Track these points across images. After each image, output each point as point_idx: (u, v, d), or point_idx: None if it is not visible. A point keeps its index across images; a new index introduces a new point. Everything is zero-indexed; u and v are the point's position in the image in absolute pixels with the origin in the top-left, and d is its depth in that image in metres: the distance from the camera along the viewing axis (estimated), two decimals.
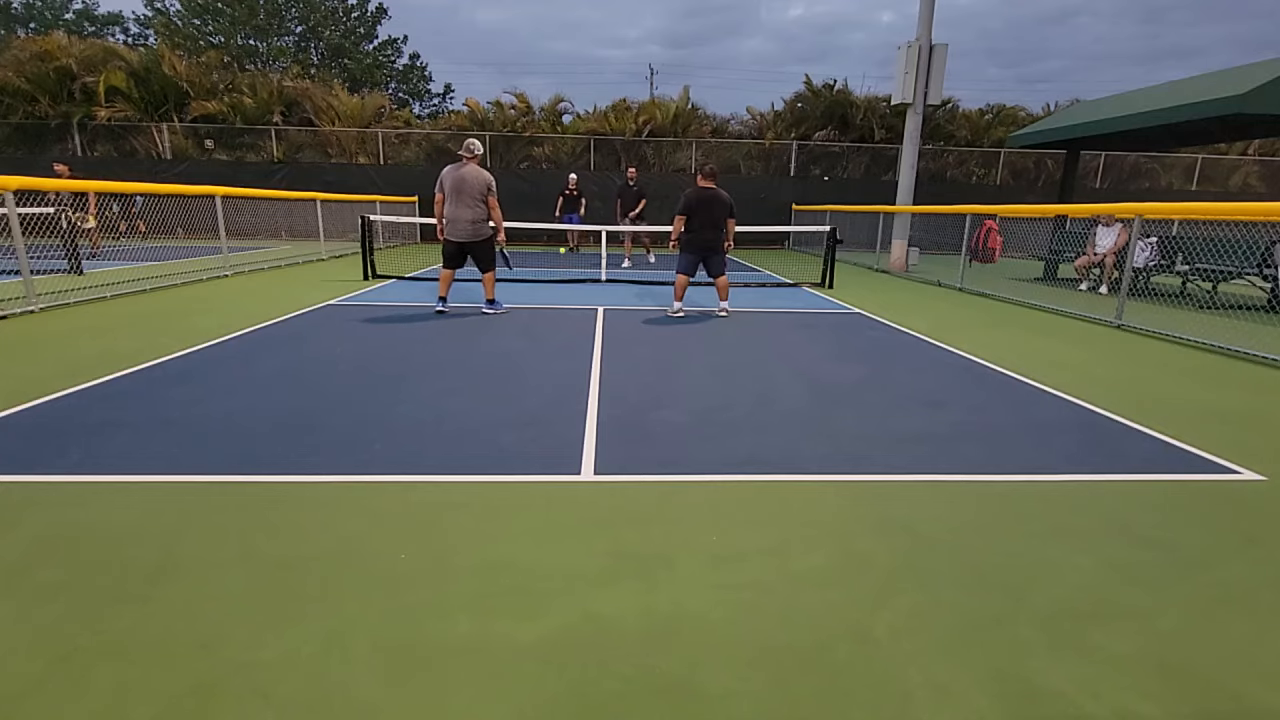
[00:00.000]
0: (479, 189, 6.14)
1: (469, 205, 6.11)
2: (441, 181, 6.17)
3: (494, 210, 6.26)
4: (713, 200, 6.47)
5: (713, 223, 6.51)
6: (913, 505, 2.52)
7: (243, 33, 29.55)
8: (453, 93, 36.82)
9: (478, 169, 6.12)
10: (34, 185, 6.38)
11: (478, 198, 6.15)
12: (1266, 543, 2.29)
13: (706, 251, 6.62)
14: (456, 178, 6.09)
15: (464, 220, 6.17)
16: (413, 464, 2.79)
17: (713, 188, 6.50)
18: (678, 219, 6.53)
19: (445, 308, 6.43)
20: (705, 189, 6.49)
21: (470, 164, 6.11)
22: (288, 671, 1.56)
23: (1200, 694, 1.56)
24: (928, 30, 11.05)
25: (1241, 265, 8.23)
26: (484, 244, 6.36)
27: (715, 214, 6.50)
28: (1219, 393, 4.27)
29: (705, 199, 6.46)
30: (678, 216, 6.52)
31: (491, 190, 6.18)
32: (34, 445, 2.89)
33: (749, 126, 19.51)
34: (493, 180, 6.22)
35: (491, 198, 6.19)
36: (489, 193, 6.19)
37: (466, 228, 6.20)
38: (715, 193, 6.47)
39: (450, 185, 6.11)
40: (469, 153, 6.11)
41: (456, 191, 6.10)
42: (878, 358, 5.04)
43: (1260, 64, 8.46)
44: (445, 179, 6.15)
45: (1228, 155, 19.72)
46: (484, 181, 6.14)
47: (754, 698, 1.52)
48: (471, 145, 6.13)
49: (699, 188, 6.52)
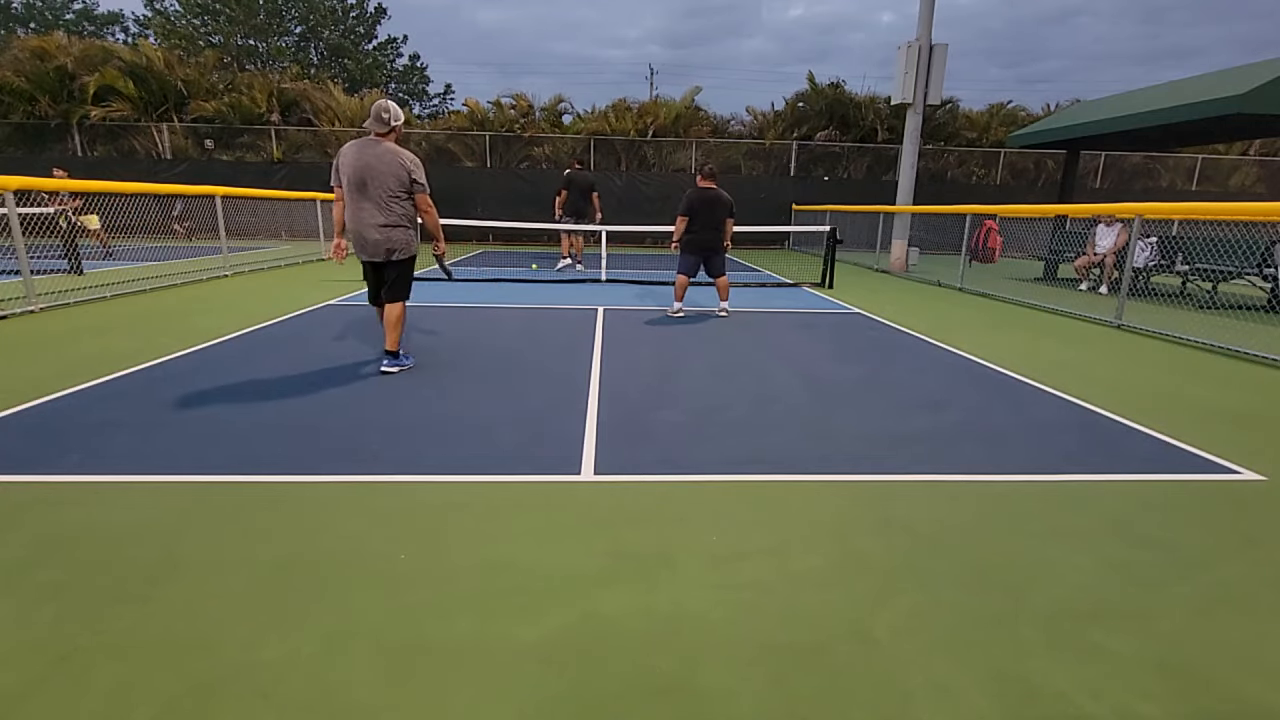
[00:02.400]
0: (395, 180, 3.93)
1: (380, 206, 3.95)
2: (338, 168, 4.00)
3: (426, 213, 4.13)
4: (714, 201, 6.44)
5: (714, 224, 6.48)
6: (913, 505, 2.52)
7: (242, 32, 29.54)
8: (453, 93, 36.89)
9: (395, 149, 3.95)
10: (34, 185, 6.38)
11: (394, 194, 3.95)
12: (1266, 543, 2.29)
13: (707, 252, 6.58)
14: (360, 164, 3.89)
15: (372, 228, 3.97)
16: (413, 464, 2.79)
17: (714, 188, 6.47)
18: (680, 220, 6.46)
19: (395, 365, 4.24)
20: (707, 189, 6.45)
21: (383, 141, 3.96)
22: (288, 671, 1.56)
23: (1200, 694, 1.56)
24: (928, 30, 11.05)
25: (1241, 265, 8.23)
26: (404, 264, 4.16)
27: (717, 215, 6.47)
28: (1219, 392, 4.27)
29: (707, 200, 6.43)
30: (680, 218, 6.46)
31: (418, 181, 3.99)
32: (34, 445, 2.89)
33: (749, 127, 19.52)
34: (418, 165, 4.02)
35: (420, 193, 4.03)
36: (414, 185, 3.99)
37: (377, 240, 4.00)
38: (717, 193, 6.44)
39: (352, 175, 3.91)
40: (381, 123, 3.94)
41: (360, 184, 3.91)
42: (877, 358, 5.04)
43: (1260, 64, 8.45)
44: (343, 165, 3.96)
45: (1228, 155, 19.70)
46: (402, 168, 3.93)
47: (754, 697, 1.52)
48: (383, 110, 3.94)
49: (700, 188, 6.47)
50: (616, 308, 7.10)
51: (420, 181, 4.01)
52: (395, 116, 3.99)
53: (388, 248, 4.05)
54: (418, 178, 4.00)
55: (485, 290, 8.33)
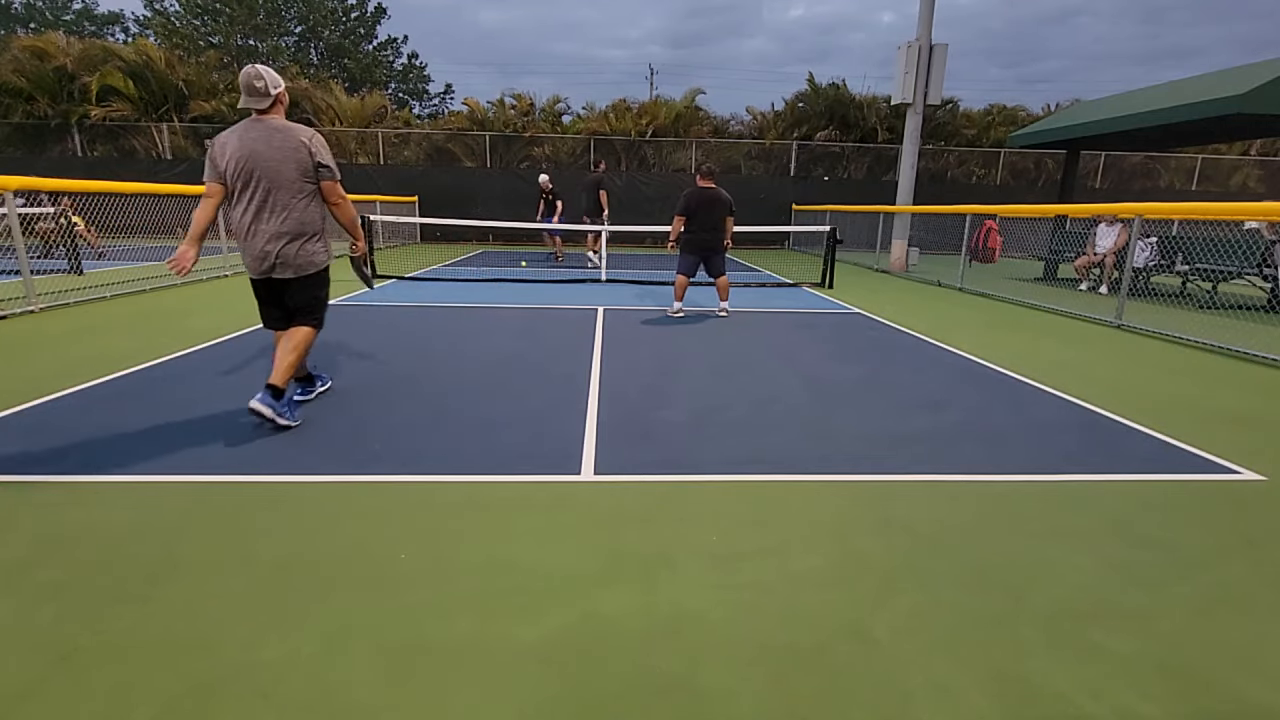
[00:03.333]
0: (294, 169, 3.04)
1: (277, 208, 3.06)
2: (213, 160, 3.05)
3: (337, 205, 3.23)
4: (713, 200, 6.37)
5: (713, 223, 6.42)
6: (913, 505, 2.52)
7: (242, 33, 29.54)
8: (453, 93, 36.92)
9: (288, 127, 3.05)
10: (34, 185, 6.38)
11: (295, 189, 3.07)
12: (1266, 543, 2.29)
13: (707, 252, 6.52)
14: (245, 153, 3.00)
15: (265, 238, 3.08)
16: (412, 464, 2.79)
17: (713, 187, 6.41)
18: (677, 219, 6.41)
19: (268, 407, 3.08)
20: (706, 189, 6.39)
21: (269, 119, 3.05)
22: (288, 671, 1.56)
23: (1200, 694, 1.56)
24: (928, 30, 11.05)
25: (1241, 265, 8.23)
26: (311, 281, 3.26)
27: (716, 214, 6.41)
28: (1219, 392, 4.27)
29: (706, 199, 6.36)
30: (677, 217, 6.40)
31: (324, 165, 3.11)
32: (34, 445, 2.89)
33: (749, 127, 19.52)
34: (322, 144, 3.14)
35: (328, 180, 3.14)
36: (320, 171, 3.11)
37: (271, 252, 3.09)
38: (716, 193, 6.38)
39: (238, 165, 3.01)
40: (256, 96, 3.00)
41: (247, 181, 3.02)
42: (877, 358, 5.04)
43: (1260, 64, 8.45)
44: (221, 157, 3.03)
45: (1228, 155, 19.71)
46: (301, 150, 3.04)
47: (754, 697, 1.52)
48: (254, 78, 2.97)
49: (699, 188, 6.41)
50: (616, 308, 7.10)
51: (327, 164, 3.12)
52: (272, 83, 3.04)
53: (283, 260, 3.10)
54: (324, 160, 3.10)
55: (485, 290, 8.33)
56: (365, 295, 7.62)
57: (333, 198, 3.22)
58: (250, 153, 3.01)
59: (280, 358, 3.17)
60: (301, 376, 3.55)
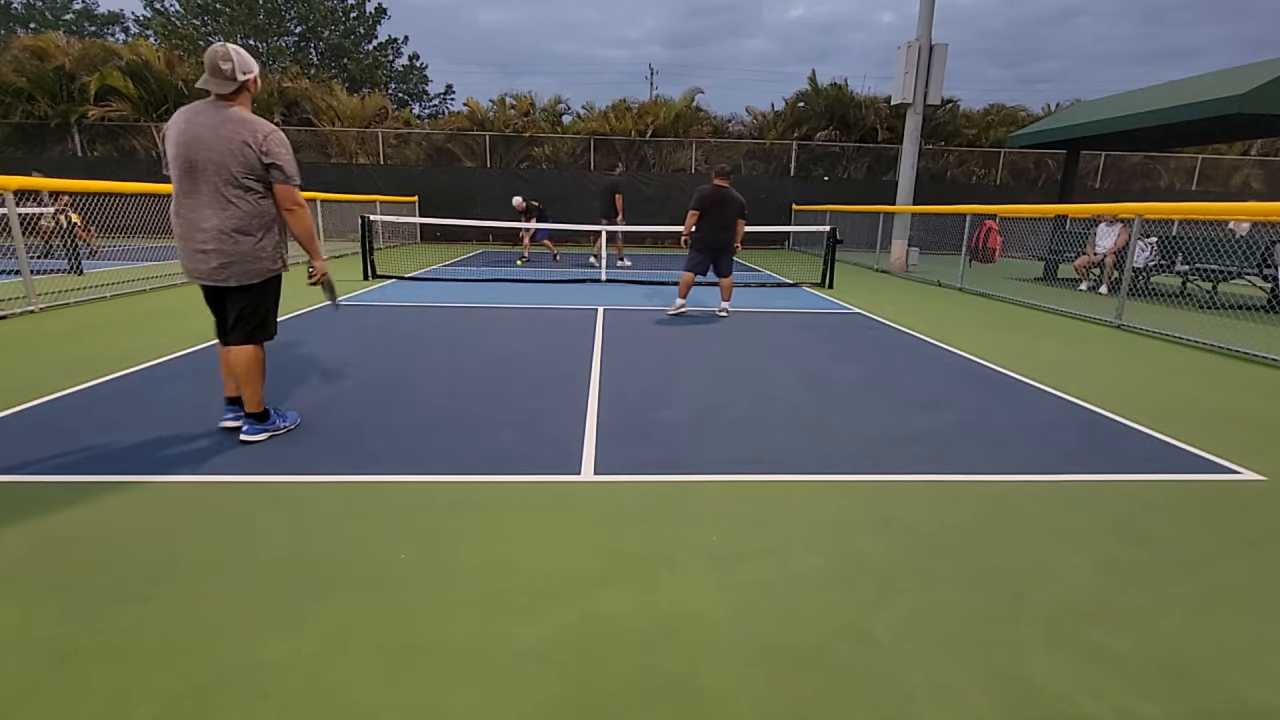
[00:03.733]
0: (237, 162, 2.67)
1: (215, 202, 2.70)
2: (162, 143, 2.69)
3: (290, 213, 2.84)
4: (726, 201, 6.37)
5: (724, 223, 6.42)
6: (913, 505, 2.52)
7: (242, 33, 29.54)
8: (453, 93, 36.94)
9: (243, 117, 2.69)
10: (34, 185, 6.38)
11: (235, 183, 2.69)
12: (1266, 543, 2.29)
13: (716, 251, 6.52)
14: (188, 138, 2.66)
15: (201, 234, 2.73)
16: (413, 464, 2.79)
17: (726, 187, 6.40)
18: (691, 214, 6.39)
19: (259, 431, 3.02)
20: (720, 188, 6.38)
21: (229, 106, 2.70)
22: (288, 671, 1.56)
23: (1200, 694, 1.56)
24: (927, 30, 11.05)
25: (1241, 265, 8.23)
26: (258, 294, 2.94)
27: (728, 215, 6.42)
28: (1219, 392, 4.27)
29: (720, 199, 6.35)
30: (691, 212, 6.38)
31: (277, 165, 2.73)
32: (34, 445, 2.89)
33: (749, 127, 19.52)
34: (280, 141, 2.74)
35: (282, 184, 2.77)
36: (271, 172, 2.74)
37: (206, 252, 2.75)
38: (729, 193, 6.38)
39: (176, 154, 2.68)
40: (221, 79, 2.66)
41: (188, 168, 2.68)
42: (878, 358, 5.04)
43: (1260, 64, 8.45)
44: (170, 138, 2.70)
45: (1228, 155, 19.71)
46: (249, 145, 2.66)
47: (754, 697, 1.52)
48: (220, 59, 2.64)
49: (714, 187, 6.39)
50: (616, 308, 7.10)
51: (281, 165, 2.72)
52: (241, 67, 2.67)
53: (222, 263, 2.76)
54: (278, 160, 2.70)
55: (485, 290, 8.33)
56: (365, 295, 7.62)
57: (285, 203, 2.82)
58: (194, 138, 2.65)
59: (241, 385, 3.00)
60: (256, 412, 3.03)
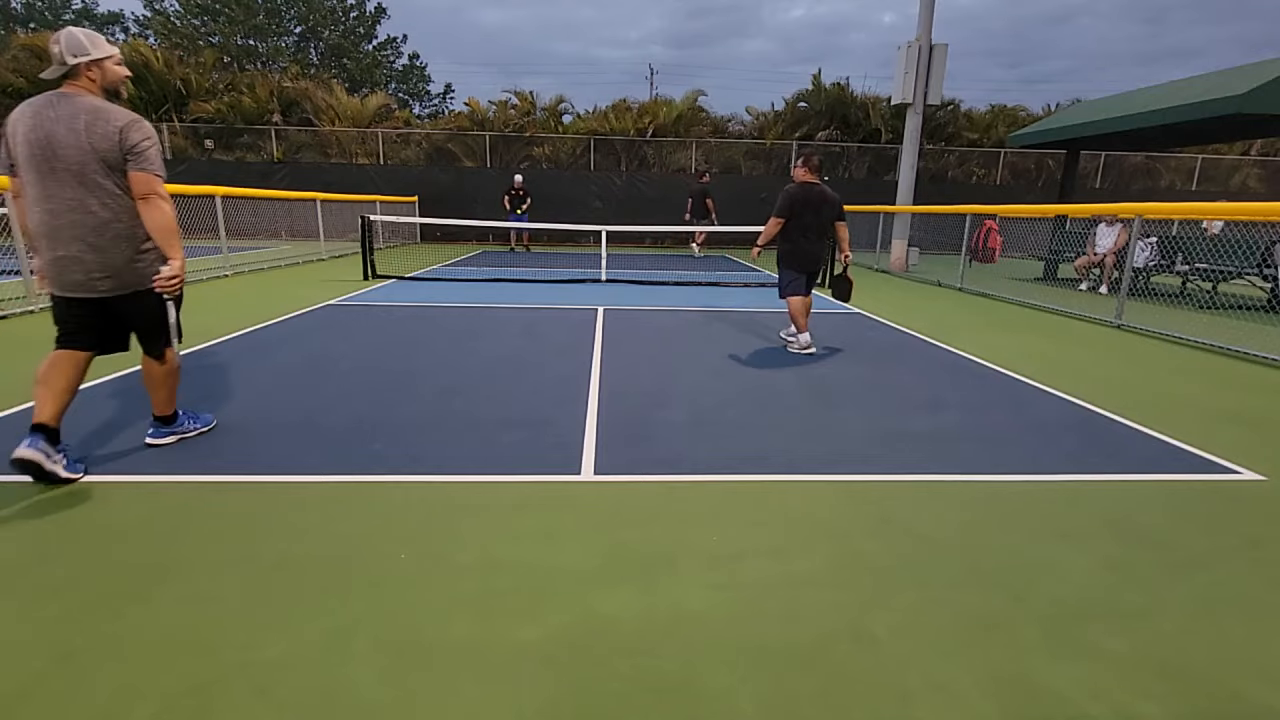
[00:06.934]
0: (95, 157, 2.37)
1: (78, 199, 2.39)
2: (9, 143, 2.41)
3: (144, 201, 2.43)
4: (821, 200, 4.91)
5: (821, 229, 4.96)
6: (913, 505, 2.52)
7: (242, 32, 29.55)
8: (453, 93, 36.95)
9: (97, 106, 2.39)
10: None
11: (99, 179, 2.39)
12: (1267, 543, 2.29)
13: (815, 266, 5.12)
14: (40, 134, 2.34)
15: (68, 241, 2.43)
16: (413, 464, 2.79)
17: (818, 184, 4.96)
18: (773, 223, 5.02)
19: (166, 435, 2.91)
20: (810, 185, 4.92)
21: (79, 95, 2.38)
22: (288, 671, 1.56)
23: (1200, 694, 1.56)
24: (928, 30, 11.05)
25: (1241, 265, 8.23)
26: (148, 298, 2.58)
27: (824, 218, 4.96)
28: (1219, 392, 4.27)
29: (813, 199, 4.87)
30: (774, 220, 4.99)
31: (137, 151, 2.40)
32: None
33: (750, 127, 19.53)
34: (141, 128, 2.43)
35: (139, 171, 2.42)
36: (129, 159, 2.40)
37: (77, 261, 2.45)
38: (823, 190, 4.94)
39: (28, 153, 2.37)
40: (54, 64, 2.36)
41: (45, 168, 2.36)
42: (877, 358, 5.04)
43: (1260, 64, 8.45)
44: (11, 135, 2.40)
45: (1228, 155, 19.72)
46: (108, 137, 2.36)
47: (754, 697, 1.52)
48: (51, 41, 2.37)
49: (803, 184, 4.92)
50: (616, 308, 7.10)
51: (141, 151, 2.39)
52: (72, 49, 2.33)
53: (115, 274, 2.48)
54: (140, 146, 2.39)
55: (485, 290, 8.33)
56: (365, 295, 7.61)
57: (140, 190, 2.41)
58: (46, 135, 2.33)
59: (151, 392, 2.82)
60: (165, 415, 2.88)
